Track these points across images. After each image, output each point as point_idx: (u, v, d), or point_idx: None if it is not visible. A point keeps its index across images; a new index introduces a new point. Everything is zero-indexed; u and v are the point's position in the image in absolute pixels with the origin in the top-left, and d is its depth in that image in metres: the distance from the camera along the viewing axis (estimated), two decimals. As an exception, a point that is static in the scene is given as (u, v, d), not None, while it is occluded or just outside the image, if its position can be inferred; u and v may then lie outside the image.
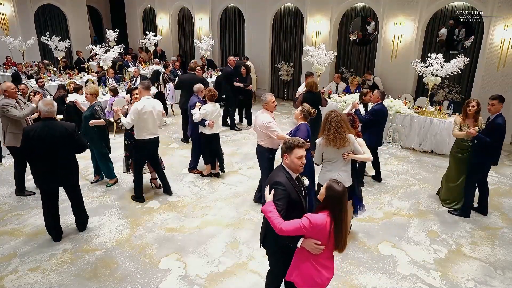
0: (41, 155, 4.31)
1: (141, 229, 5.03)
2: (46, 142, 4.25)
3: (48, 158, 4.34)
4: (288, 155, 2.97)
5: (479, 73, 8.74)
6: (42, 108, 4.32)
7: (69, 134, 4.37)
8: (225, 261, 4.39)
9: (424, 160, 7.59)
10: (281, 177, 2.96)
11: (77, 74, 11.89)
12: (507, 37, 8.12)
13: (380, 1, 9.87)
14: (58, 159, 4.38)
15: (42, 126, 4.28)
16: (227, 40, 14.28)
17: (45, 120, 4.34)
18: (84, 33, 16.23)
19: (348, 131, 4.16)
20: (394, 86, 9.84)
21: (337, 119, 4.09)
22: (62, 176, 4.51)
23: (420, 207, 5.71)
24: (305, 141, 3.04)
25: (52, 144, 4.28)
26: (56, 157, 4.36)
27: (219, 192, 6.11)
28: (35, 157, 4.34)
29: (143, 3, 16.96)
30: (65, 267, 4.27)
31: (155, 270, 4.23)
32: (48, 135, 4.24)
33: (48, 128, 4.28)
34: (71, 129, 4.41)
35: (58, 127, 4.34)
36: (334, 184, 2.70)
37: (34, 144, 4.23)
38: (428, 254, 4.59)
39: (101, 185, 6.25)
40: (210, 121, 6.11)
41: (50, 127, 4.28)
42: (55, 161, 4.37)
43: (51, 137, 4.26)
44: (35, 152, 4.28)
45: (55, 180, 4.50)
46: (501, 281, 4.16)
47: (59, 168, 4.42)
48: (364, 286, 4.04)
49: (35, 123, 4.47)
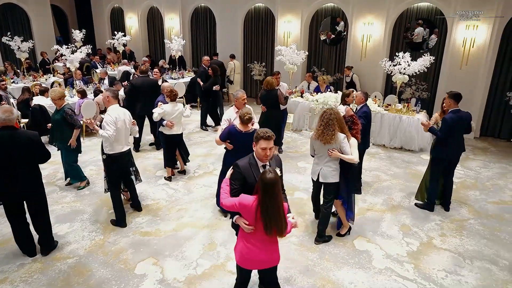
0: (1, 166, 3.92)
1: (115, 234, 4.90)
2: (5, 153, 3.87)
3: (7, 170, 3.95)
4: (255, 144, 3.18)
5: (444, 71, 9.09)
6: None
7: (33, 144, 4.02)
8: (202, 263, 4.35)
9: (394, 156, 7.81)
10: (243, 161, 3.22)
11: (42, 76, 11.44)
12: (468, 36, 8.49)
13: (349, 2, 10.07)
14: (19, 170, 4.00)
15: (1, 135, 3.85)
16: (198, 40, 14.15)
17: (3, 129, 3.89)
18: (48, 33, 15.60)
19: (338, 130, 4.28)
20: (364, 85, 10.06)
21: (329, 117, 4.25)
22: (24, 189, 4.11)
23: (392, 202, 5.88)
24: (273, 134, 3.14)
25: (13, 155, 3.90)
26: (16, 169, 3.98)
27: (194, 194, 6.04)
28: None
29: (111, 2, 16.53)
30: (35, 277, 4.10)
31: (131, 276, 4.13)
32: (8, 145, 3.87)
33: (8, 138, 3.87)
34: (35, 138, 4.06)
35: (20, 137, 3.95)
36: (266, 173, 2.83)
37: None
38: (401, 248, 4.73)
39: (72, 191, 6.05)
40: (168, 121, 6.06)
41: (11, 137, 3.89)
42: (16, 173, 4.00)
43: (13, 147, 3.89)
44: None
45: (15, 193, 4.10)
46: (470, 270, 4.34)
47: (19, 180, 4.04)
48: (341, 281, 4.12)
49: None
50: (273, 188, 2.79)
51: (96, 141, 8.40)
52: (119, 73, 11.71)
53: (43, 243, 4.48)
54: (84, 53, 9.35)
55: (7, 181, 4.01)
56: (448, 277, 4.20)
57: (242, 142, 4.55)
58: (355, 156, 4.38)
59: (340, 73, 11.04)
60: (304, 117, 9.30)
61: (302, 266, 4.33)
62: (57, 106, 5.67)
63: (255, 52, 12.65)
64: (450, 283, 4.12)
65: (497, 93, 8.85)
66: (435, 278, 4.19)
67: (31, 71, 12.05)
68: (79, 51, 9.33)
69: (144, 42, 15.92)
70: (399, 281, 4.13)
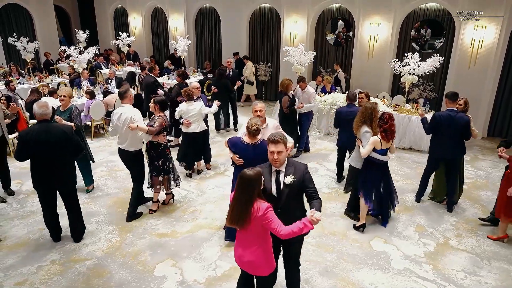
0: (38, 158, 4.22)
1: (131, 236, 4.89)
2: (43, 144, 4.15)
3: (45, 161, 4.25)
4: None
5: (451, 71, 9.11)
6: (36, 111, 4.20)
7: (67, 137, 4.28)
8: (221, 265, 4.34)
9: (404, 156, 7.82)
10: (262, 166, 3.23)
11: (48, 77, 11.40)
12: (477, 37, 8.50)
13: (355, 2, 10.08)
14: (55, 162, 4.28)
15: (39, 128, 4.17)
16: (203, 40, 14.13)
17: (40, 122, 4.22)
18: (51, 33, 15.56)
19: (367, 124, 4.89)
20: (371, 85, 10.06)
21: (362, 110, 5.01)
22: (58, 180, 4.40)
23: (406, 203, 5.88)
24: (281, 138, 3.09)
25: (49, 146, 4.18)
26: (53, 160, 4.26)
27: (207, 195, 6.03)
28: (32, 159, 4.24)
29: (114, 2, 16.47)
30: (54, 279, 4.08)
31: (151, 278, 4.12)
32: (45, 137, 4.14)
33: (45, 130, 4.17)
34: (69, 131, 4.34)
35: (56, 130, 4.25)
36: (248, 170, 2.90)
37: (30, 147, 4.13)
38: (418, 248, 4.73)
39: (84, 193, 6.02)
40: (185, 120, 6.19)
41: (47, 130, 4.18)
42: (52, 164, 4.28)
43: (48, 140, 4.16)
44: (32, 155, 4.20)
45: (51, 183, 4.39)
46: (488, 270, 4.35)
47: (55, 172, 4.32)
48: (361, 282, 4.12)
49: (31, 126, 4.29)
50: (245, 184, 2.86)
51: (104, 142, 8.39)
52: (125, 74, 11.69)
53: (75, 230, 4.73)
54: (91, 53, 9.31)
55: (44, 172, 4.30)
56: (467, 278, 4.21)
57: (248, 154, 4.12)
58: (362, 150, 4.81)
59: (347, 73, 11.05)
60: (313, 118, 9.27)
61: (321, 267, 4.33)
62: (64, 105, 5.51)
63: (261, 53, 12.64)
64: (470, 283, 4.13)
65: (504, 93, 8.86)
66: (454, 278, 4.20)
67: (36, 71, 12.02)
68: (86, 52, 9.30)
69: (148, 42, 15.88)
70: (419, 282, 4.13)
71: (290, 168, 3.20)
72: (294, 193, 3.20)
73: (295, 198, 3.23)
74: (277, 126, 4.92)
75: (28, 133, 4.16)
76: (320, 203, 3.13)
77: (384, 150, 4.81)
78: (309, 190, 3.19)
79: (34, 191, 5.94)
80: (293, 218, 2.92)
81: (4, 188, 5.93)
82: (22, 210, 5.49)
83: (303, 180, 3.17)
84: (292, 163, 3.25)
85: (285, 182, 3.15)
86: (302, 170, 3.21)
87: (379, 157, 4.81)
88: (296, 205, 3.27)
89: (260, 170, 2.99)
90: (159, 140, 5.08)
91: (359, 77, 10.51)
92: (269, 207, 2.89)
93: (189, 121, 6.20)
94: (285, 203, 3.19)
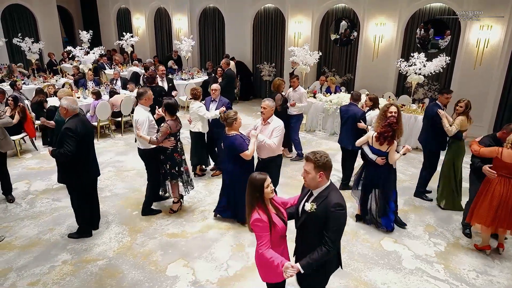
0: (86, 149, 4.48)
1: (142, 236, 4.89)
2: (86, 136, 4.43)
3: (89, 151, 4.59)
4: None
5: (457, 71, 9.10)
6: (70, 106, 4.34)
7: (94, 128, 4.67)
8: (233, 265, 4.35)
9: (410, 156, 7.81)
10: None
11: (52, 77, 11.41)
12: (482, 37, 8.51)
13: (360, 2, 10.09)
14: (92, 152, 4.67)
15: (79, 121, 4.38)
16: (207, 41, 14.14)
17: (75, 116, 4.41)
18: (55, 34, 15.58)
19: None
20: (376, 85, 10.07)
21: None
22: (97, 168, 4.78)
23: (414, 203, 5.88)
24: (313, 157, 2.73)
25: (86, 139, 4.46)
26: (90, 150, 4.62)
27: (215, 195, 5.99)
28: (79, 152, 4.34)
29: (117, 3, 16.50)
30: (67, 279, 4.09)
31: (164, 278, 4.13)
32: (85, 129, 4.41)
33: (82, 123, 4.42)
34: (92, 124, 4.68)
35: (88, 122, 4.65)
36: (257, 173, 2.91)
37: (82, 139, 4.34)
38: (429, 248, 4.74)
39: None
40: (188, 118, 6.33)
41: (83, 122, 4.45)
42: (91, 154, 4.64)
43: (88, 131, 4.49)
44: (85, 146, 4.46)
45: (92, 172, 4.70)
46: (500, 270, 4.35)
47: (94, 161, 4.70)
48: (373, 282, 4.12)
49: (72, 120, 4.33)
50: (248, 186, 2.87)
51: (110, 143, 8.40)
52: (129, 74, 11.69)
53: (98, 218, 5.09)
54: (97, 54, 9.32)
55: (90, 160, 4.61)
56: (479, 278, 4.21)
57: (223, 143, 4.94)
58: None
59: (351, 73, 11.06)
60: (318, 118, 9.30)
61: (333, 267, 4.33)
62: None
63: (265, 53, 12.65)
64: (482, 283, 4.13)
65: (510, 93, 8.85)
66: (466, 278, 4.20)
67: (40, 71, 12.03)
68: (92, 52, 9.30)
69: (151, 43, 15.91)
70: (431, 281, 4.13)
71: (321, 196, 2.74)
72: (311, 222, 2.78)
73: (313, 227, 2.78)
74: (276, 130, 4.76)
75: (77, 126, 4.29)
76: (319, 256, 2.67)
77: (374, 149, 4.77)
78: (324, 233, 2.67)
79: (43, 191, 6.04)
80: (309, 242, 2.77)
81: (5, 194, 5.76)
82: (31, 210, 5.49)
83: (326, 217, 2.66)
84: (327, 192, 2.73)
85: (304, 207, 2.79)
86: (329, 205, 2.65)
87: (367, 151, 4.85)
88: (314, 233, 2.78)
89: (263, 177, 2.83)
90: (163, 145, 4.95)
91: (364, 77, 10.51)
92: (258, 220, 2.75)
93: (190, 118, 6.28)
94: (302, 225, 2.90)
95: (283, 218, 2.94)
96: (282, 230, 2.91)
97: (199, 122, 6.29)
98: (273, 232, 2.82)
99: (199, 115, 6.20)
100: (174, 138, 5.01)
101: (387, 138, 4.63)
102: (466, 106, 5.41)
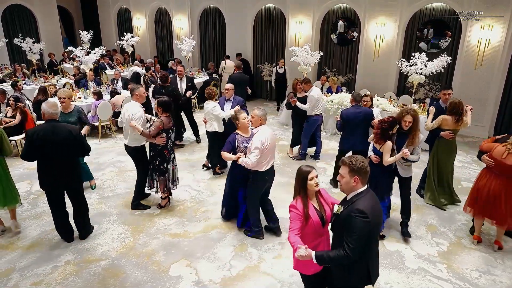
0: (45, 157, 4.23)
1: (144, 236, 4.89)
2: (49, 143, 4.16)
3: (52, 161, 4.27)
4: None
5: (458, 71, 9.12)
6: (46, 110, 4.22)
7: (73, 137, 4.29)
8: (236, 265, 4.35)
9: (411, 156, 7.81)
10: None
11: (53, 78, 11.40)
12: (483, 37, 8.52)
13: (361, 2, 10.09)
14: (62, 161, 4.31)
15: (45, 127, 4.19)
16: (208, 41, 14.14)
17: (48, 121, 4.24)
18: (55, 34, 15.59)
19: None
20: (377, 85, 10.08)
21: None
22: (65, 179, 4.42)
23: (416, 203, 5.88)
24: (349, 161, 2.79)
25: (56, 146, 4.19)
26: (59, 160, 4.29)
27: (218, 195, 6.02)
28: (39, 159, 4.26)
29: (117, 3, 16.49)
30: (70, 279, 4.09)
31: (167, 278, 4.13)
32: (52, 137, 4.16)
33: (51, 130, 4.18)
34: (74, 131, 4.34)
35: (62, 129, 4.26)
36: (304, 166, 3.05)
37: (37, 146, 4.13)
38: (432, 248, 4.74)
39: (95, 193, 6.03)
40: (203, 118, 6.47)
41: (53, 129, 4.20)
42: (59, 164, 4.30)
43: (55, 139, 4.18)
44: (39, 154, 4.21)
45: (59, 183, 4.41)
46: (502, 269, 4.35)
47: (62, 171, 4.34)
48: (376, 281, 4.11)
49: (39, 125, 4.31)
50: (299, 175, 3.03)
51: (112, 143, 8.39)
52: (130, 74, 11.67)
53: (83, 228, 4.79)
54: (98, 54, 9.31)
55: (50, 171, 4.31)
56: (482, 277, 4.22)
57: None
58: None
59: (352, 73, 11.06)
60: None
61: (336, 267, 4.33)
62: (64, 107, 5.40)
63: (265, 53, 12.65)
64: (485, 283, 4.13)
65: (510, 93, 8.87)
66: (469, 278, 4.21)
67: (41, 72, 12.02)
68: (93, 53, 9.30)
69: (151, 43, 15.91)
70: (434, 281, 4.14)
71: (351, 200, 2.77)
72: (337, 225, 2.85)
73: (338, 230, 2.84)
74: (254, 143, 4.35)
75: (35, 132, 4.16)
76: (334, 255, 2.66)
77: (375, 148, 4.70)
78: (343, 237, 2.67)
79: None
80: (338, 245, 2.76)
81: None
82: (33, 210, 5.49)
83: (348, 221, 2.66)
84: (359, 197, 2.73)
85: (334, 208, 2.88)
86: (352, 210, 2.66)
87: (370, 148, 4.86)
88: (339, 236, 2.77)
89: (309, 170, 2.98)
90: (155, 141, 5.07)
91: (364, 77, 10.52)
92: (293, 206, 2.94)
93: (205, 118, 6.41)
94: (331, 227, 2.98)
95: (323, 216, 3.00)
96: (317, 226, 2.95)
97: (214, 122, 6.40)
98: (307, 224, 2.91)
99: (214, 114, 6.29)
100: (166, 135, 5.12)
101: (376, 135, 4.64)
102: (452, 107, 5.36)
